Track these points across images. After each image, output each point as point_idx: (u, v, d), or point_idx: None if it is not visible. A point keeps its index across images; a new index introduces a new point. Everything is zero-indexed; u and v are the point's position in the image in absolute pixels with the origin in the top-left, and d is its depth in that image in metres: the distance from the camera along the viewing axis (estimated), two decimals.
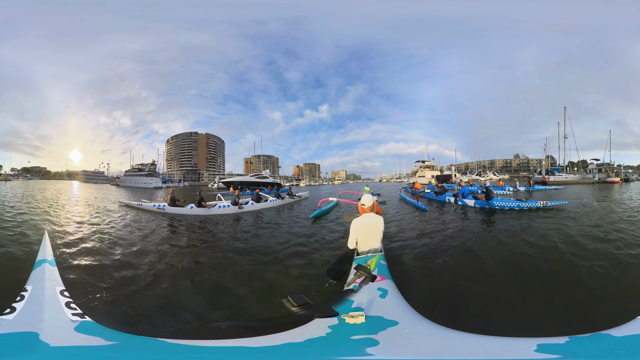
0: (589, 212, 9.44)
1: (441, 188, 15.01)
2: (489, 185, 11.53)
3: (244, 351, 1.61)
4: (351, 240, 3.52)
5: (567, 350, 1.42)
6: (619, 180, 34.02)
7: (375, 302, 2.16)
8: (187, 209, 10.56)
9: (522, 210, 9.80)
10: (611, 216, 8.68)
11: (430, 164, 53.06)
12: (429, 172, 46.89)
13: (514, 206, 10.24)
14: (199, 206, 10.52)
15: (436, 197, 14.32)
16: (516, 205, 10.24)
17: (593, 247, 5.18)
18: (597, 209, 10.26)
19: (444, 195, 13.76)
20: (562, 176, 38.40)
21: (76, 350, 1.62)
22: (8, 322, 1.80)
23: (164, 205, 10.85)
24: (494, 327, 2.53)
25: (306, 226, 8.08)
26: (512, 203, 10.41)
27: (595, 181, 34.65)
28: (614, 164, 39.51)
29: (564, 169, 47.97)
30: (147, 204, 11.75)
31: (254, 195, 12.87)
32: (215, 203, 11.15)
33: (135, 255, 5.12)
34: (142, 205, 11.81)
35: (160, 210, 10.81)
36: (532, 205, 10.11)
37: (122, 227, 7.81)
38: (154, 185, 49.36)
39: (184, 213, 10.39)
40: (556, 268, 4.24)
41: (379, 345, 1.57)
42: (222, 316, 2.99)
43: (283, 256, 5.08)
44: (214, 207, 10.83)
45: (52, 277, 2.53)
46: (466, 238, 6.17)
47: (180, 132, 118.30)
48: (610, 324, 1.65)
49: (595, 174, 37.59)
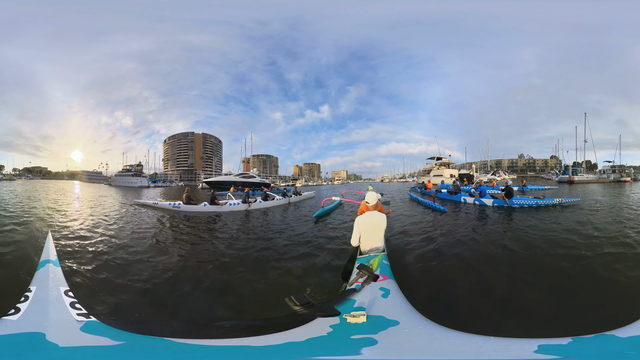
0: (603, 208, 10.10)
1: (456, 187, 14.66)
2: (510, 184, 11.68)
3: (247, 350, 1.62)
4: (354, 237, 3.55)
5: (569, 351, 1.39)
6: (630, 180, 38.42)
7: (377, 301, 2.16)
8: (201, 206, 11.24)
9: (539, 208, 10.14)
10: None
11: (447, 160, 45.76)
12: (448, 171, 41.27)
13: (532, 204, 10.49)
14: (212, 204, 11.15)
15: (450, 197, 13.79)
16: (534, 202, 10.49)
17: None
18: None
19: (458, 195, 13.33)
20: (584, 176, 41.81)
21: (86, 350, 1.61)
22: (13, 323, 1.80)
23: (179, 204, 11.34)
24: (496, 327, 2.53)
25: (309, 225, 8.10)
26: (530, 201, 10.62)
27: (611, 180, 38.64)
28: (626, 166, 45.05)
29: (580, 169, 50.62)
30: (163, 202, 12.08)
31: (262, 194, 13.66)
32: (227, 201, 11.81)
33: (139, 254, 5.14)
34: (157, 204, 12.14)
35: (175, 208, 11.24)
36: (549, 202, 10.49)
37: (126, 226, 7.83)
38: (139, 184, 54.47)
39: (198, 210, 11.00)
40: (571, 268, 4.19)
41: (376, 345, 1.57)
42: (226, 315, 3.01)
43: (286, 255, 5.09)
44: (225, 205, 11.45)
45: (56, 277, 2.53)
46: (476, 238, 6.14)
47: (177, 133, 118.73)
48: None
49: (609, 175, 41.82)
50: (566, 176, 42.20)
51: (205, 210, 11.01)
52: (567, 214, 8.73)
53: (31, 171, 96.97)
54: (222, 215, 10.39)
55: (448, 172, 40.54)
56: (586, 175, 42.44)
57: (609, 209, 10.11)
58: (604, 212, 9.36)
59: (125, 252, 5.24)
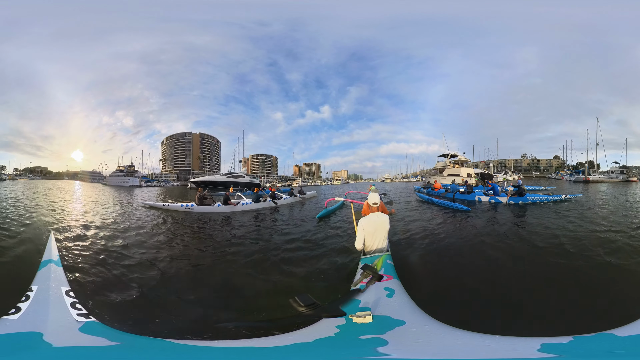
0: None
1: (468, 187, 14.52)
2: (521, 184, 12.71)
3: (253, 352, 1.59)
4: (359, 240, 3.49)
5: (570, 350, 1.42)
6: (636, 179, 41.37)
7: (382, 301, 2.15)
8: (215, 207, 11.40)
9: (549, 203, 11.44)
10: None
11: (463, 158, 41.86)
12: (465, 169, 37.58)
13: (544, 199, 11.84)
14: (225, 204, 11.42)
15: (464, 197, 13.52)
16: (545, 198, 11.88)
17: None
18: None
19: (473, 195, 13.26)
20: (596, 176, 44.67)
21: (79, 350, 1.60)
22: (13, 322, 1.79)
23: (192, 205, 11.39)
24: (501, 326, 2.50)
25: (312, 226, 8.08)
26: (542, 197, 11.99)
27: (620, 180, 41.38)
28: (632, 167, 48.97)
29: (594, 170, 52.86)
30: (174, 204, 11.84)
31: (271, 193, 13.89)
32: (239, 201, 12.12)
33: (142, 255, 5.12)
34: (168, 206, 11.88)
35: (188, 209, 11.21)
36: (557, 198, 12.06)
37: (128, 226, 7.84)
38: (130, 184, 57.55)
39: (212, 211, 11.08)
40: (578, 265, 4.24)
41: (388, 345, 1.57)
42: (230, 317, 2.98)
43: (289, 256, 5.07)
44: (238, 205, 11.74)
45: (57, 277, 2.52)
46: (484, 236, 6.13)
47: (174, 133, 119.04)
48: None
49: (618, 175, 44.94)
50: (582, 176, 45.60)
51: (219, 211, 11.10)
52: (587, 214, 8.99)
53: (32, 171, 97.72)
54: (235, 215, 10.51)
55: (465, 170, 37.31)
56: (598, 176, 45.47)
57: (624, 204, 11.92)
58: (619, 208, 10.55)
59: (127, 252, 5.23)
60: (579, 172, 50.53)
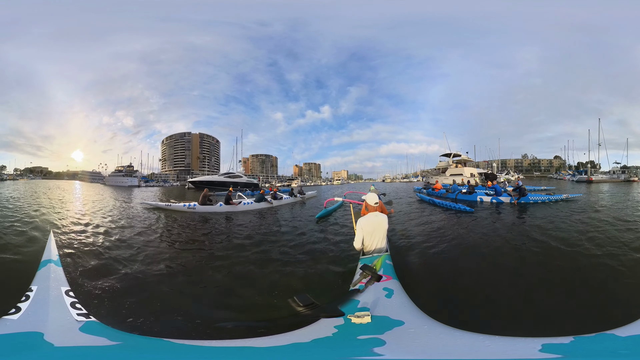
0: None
1: (470, 187, 14.50)
2: (522, 184, 12.75)
3: (251, 351, 1.60)
4: (357, 240, 3.49)
5: (571, 350, 1.42)
6: (637, 179, 42.21)
7: (381, 302, 2.14)
8: (217, 206, 11.51)
9: (550, 203, 11.55)
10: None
11: (466, 157, 41.15)
12: (468, 169, 37.07)
13: (545, 199, 11.91)
14: (227, 204, 11.53)
15: (466, 197, 13.29)
16: (546, 198, 11.97)
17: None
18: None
19: (474, 195, 13.15)
20: (599, 176, 45.33)
21: (80, 350, 1.61)
22: (13, 322, 1.79)
23: (195, 205, 11.40)
24: (500, 326, 2.50)
25: (311, 226, 8.07)
26: (544, 197, 12.04)
27: (621, 180, 42.06)
28: (632, 167, 49.77)
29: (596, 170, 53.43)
30: (176, 204, 11.86)
31: (272, 193, 14.04)
32: (241, 200, 12.29)
33: (142, 255, 5.12)
34: (170, 206, 11.85)
35: (190, 209, 11.22)
36: (558, 197, 12.19)
37: (130, 226, 7.84)
38: (128, 184, 58.17)
39: (214, 211, 11.19)
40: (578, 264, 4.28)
41: (385, 345, 1.56)
42: (228, 317, 2.98)
43: (288, 256, 5.07)
44: (240, 205, 11.86)
45: (57, 277, 2.52)
46: (490, 237, 6.12)
47: (174, 133, 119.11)
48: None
49: (619, 175, 45.55)
50: (585, 176, 46.00)
51: (221, 211, 11.23)
52: (591, 214, 9.05)
53: (32, 171, 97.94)
54: (237, 214, 10.61)
55: (468, 170, 36.82)
56: (600, 176, 46.13)
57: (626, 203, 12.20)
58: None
59: (128, 252, 5.23)
60: (581, 172, 51.25)
